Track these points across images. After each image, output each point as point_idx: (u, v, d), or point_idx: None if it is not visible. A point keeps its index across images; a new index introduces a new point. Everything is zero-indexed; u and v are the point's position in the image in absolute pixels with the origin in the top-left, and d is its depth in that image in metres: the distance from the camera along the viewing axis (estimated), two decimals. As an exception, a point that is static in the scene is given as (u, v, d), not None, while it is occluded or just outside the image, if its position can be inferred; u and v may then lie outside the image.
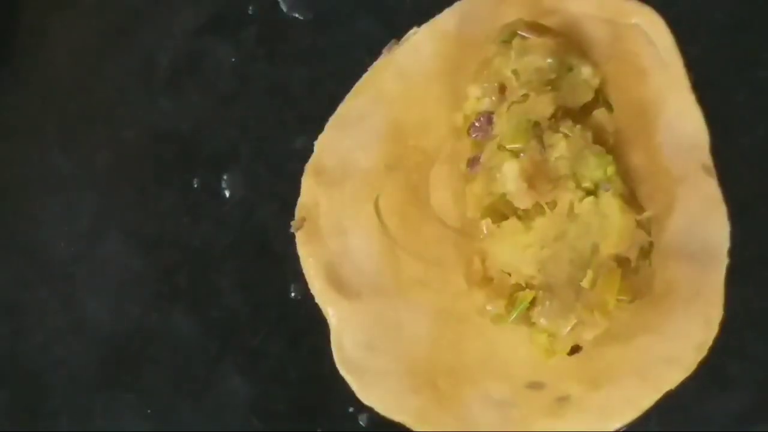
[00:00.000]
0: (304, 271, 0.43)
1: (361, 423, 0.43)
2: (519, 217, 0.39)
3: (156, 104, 0.45)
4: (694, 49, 0.43)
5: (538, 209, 0.39)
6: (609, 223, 0.39)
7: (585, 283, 0.38)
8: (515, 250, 0.39)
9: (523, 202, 0.39)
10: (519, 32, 0.42)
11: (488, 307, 0.40)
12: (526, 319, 0.39)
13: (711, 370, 0.41)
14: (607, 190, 0.39)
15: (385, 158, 0.43)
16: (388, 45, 0.44)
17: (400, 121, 0.43)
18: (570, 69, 0.41)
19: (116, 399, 0.44)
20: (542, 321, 0.39)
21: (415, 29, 0.44)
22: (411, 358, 0.42)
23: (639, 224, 0.39)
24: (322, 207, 0.43)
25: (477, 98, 0.41)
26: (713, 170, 0.43)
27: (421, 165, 0.43)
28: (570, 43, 0.42)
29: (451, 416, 0.42)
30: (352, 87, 0.44)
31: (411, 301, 0.42)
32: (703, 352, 0.41)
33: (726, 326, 0.41)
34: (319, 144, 0.44)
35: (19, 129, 0.46)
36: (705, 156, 0.43)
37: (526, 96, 0.40)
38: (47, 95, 0.46)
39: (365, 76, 0.44)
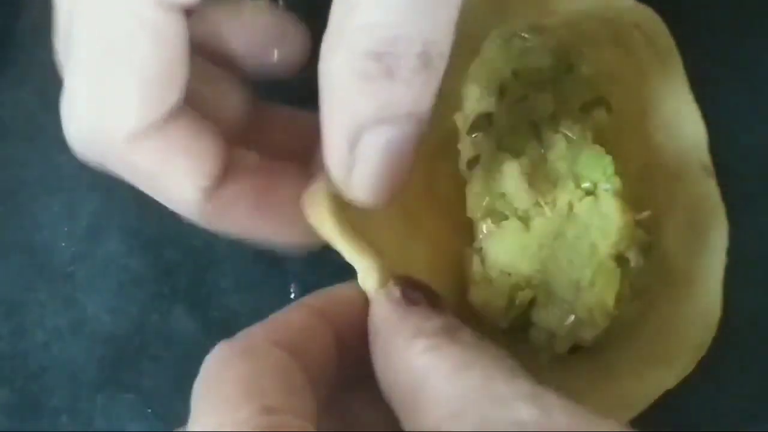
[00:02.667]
0: None
1: (361, 422, 0.43)
2: (519, 217, 0.39)
3: (156, 104, 0.45)
4: (693, 49, 0.43)
5: (537, 209, 0.39)
6: (608, 223, 0.39)
7: (584, 283, 0.38)
8: (515, 250, 0.39)
9: (523, 202, 0.39)
10: (519, 32, 0.42)
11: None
12: (526, 319, 0.39)
13: (710, 370, 0.41)
14: (606, 190, 0.39)
15: (385, 158, 0.43)
16: (388, 45, 0.44)
17: (400, 121, 0.43)
18: (570, 69, 0.41)
19: (116, 399, 0.44)
20: (542, 321, 0.39)
21: (415, 29, 0.44)
22: (411, 357, 0.42)
23: (638, 224, 0.39)
24: (322, 207, 0.43)
25: (477, 98, 0.41)
26: (712, 170, 0.43)
27: (422, 165, 0.43)
28: (570, 43, 0.42)
29: (451, 415, 0.42)
30: (352, 87, 0.44)
31: (411, 300, 0.42)
32: (702, 352, 0.41)
33: (725, 326, 0.41)
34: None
35: (19, 129, 0.46)
36: (704, 156, 0.43)
37: (525, 96, 0.40)
38: (47, 95, 0.46)
39: (365, 76, 0.44)
